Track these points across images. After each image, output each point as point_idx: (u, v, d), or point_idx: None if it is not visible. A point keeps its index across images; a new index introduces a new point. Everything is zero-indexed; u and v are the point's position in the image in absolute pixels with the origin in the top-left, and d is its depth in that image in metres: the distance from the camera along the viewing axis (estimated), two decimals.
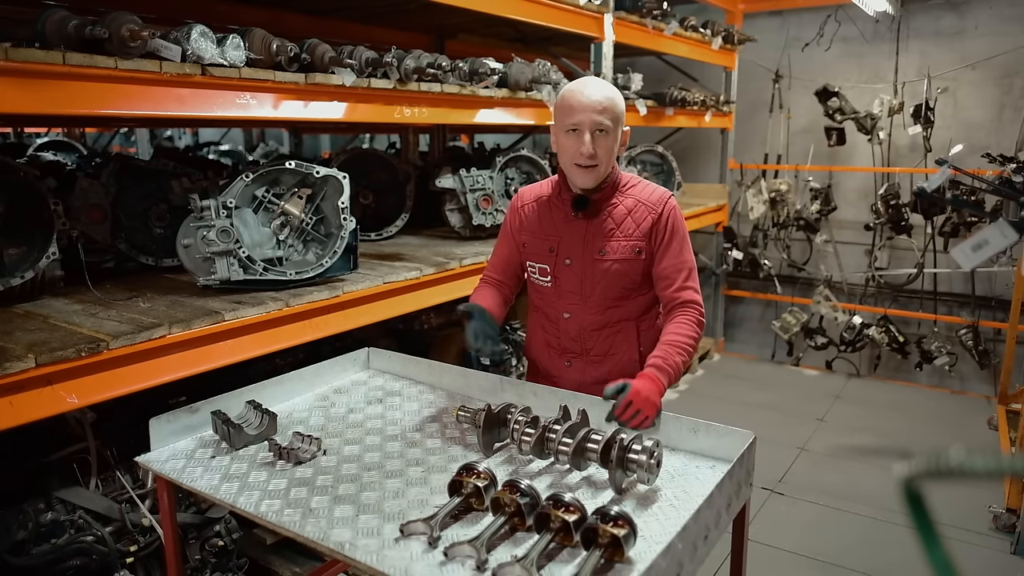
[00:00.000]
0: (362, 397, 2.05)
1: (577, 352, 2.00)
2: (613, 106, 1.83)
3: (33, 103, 1.68)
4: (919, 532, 0.46)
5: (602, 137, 1.83)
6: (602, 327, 1.96)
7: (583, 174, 1.86)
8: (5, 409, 1.59)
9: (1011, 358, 4.46)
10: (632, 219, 1.91)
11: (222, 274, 2.19)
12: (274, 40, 2.19)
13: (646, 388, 1.67)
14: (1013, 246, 1.61)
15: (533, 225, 2.02)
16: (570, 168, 1.89)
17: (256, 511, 1.41)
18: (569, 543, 1.26)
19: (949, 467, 0.41)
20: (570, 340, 2.00)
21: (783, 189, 5.53)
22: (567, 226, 1.95)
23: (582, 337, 1.98)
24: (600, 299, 1.93)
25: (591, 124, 1.81)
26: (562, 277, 1.96)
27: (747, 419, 4.22)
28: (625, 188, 1.96)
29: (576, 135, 1.83)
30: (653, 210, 1.91)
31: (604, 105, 1.81)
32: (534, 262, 2.02)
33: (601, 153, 1.83)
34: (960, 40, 5.06)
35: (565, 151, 1.87)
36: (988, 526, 3.29)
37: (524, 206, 2.06)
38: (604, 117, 1.81)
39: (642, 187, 1.97)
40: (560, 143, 1.89)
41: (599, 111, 1.80)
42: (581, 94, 1.82)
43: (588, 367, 2.00)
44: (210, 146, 7.44)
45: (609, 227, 1.91)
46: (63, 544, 2.13)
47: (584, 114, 1.81)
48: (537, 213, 2.02)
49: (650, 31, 4.23)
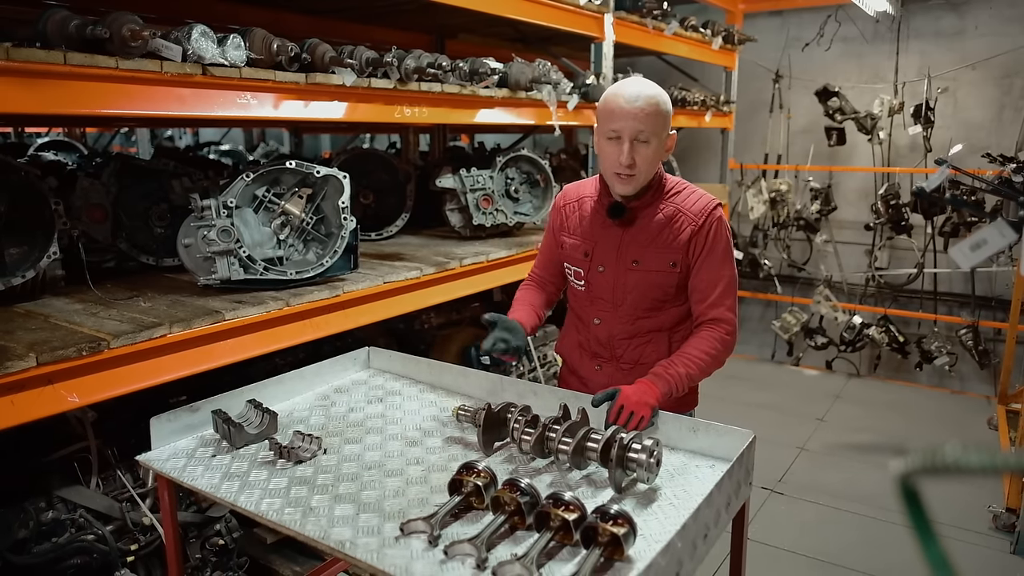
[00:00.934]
0: (362, 396, 2.05)
1: (607, 358, 1.97)
2: (656, 112, 1.74)
3: (34, 103, 1.69)
4: (915, 528, 0.46)
5: (643, 146, 1.75)
6: (632, 336, 1.92)
7: (621, 183, 1.80)
8: (6, 408, 1.59)
9: (1011, 358, 4.46)
10: (671, 229, 1.83)
11: (223, 273, 2.19)
12: (275, 40, 2.19)
13: (636, 392, 1.67)
14: (1012, 246, 1.61)
15: (573, 226, 1.98)
16: (610, 176, 1.83)
17: (256, 510, 1.41)
18: (569, 541, 1.26)
19: (945, 463, 0.42)
20: (600, 346, 1.97)
21: (783, 189, 5.54)
22: (603, 232, 1.90)
23: (611, 344, 1.94)
24: (631, 308, 1.89)
25: (631, 132, 1.73)
26: (595, 283, 1.93)
27: (747, 419, 4.22)
28: (669, 194, 1.87)
29: (616, 142, 1.76)
30: (694, 221, 1.82)
31: (647, 112, 1.73)
32: (570, 264, 1.99)
33: (640, 162, 1.76)
34: (960, 40, 5.07)
35: (605, 157, 1.80)
36: (988, 526, 3.29)
37: (566, 205, 2.02)
38: (645, 124, 1.73)
39: (687, 194, 1.87)
40: (600, 148, 1.82)
41: (640, 118, 1.73)
42: (623, 99, 1.74)
43: (617, 373, 1.94)
44: (210, 146, 7.44)
45: (646, 236, 1.85)
46: (64, 543, 2.13)
47: (624, 121, 1.73)
48: (578, 214, 1.98)
49: (650, 31, 4.23)
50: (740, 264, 5.76)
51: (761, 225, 5.73)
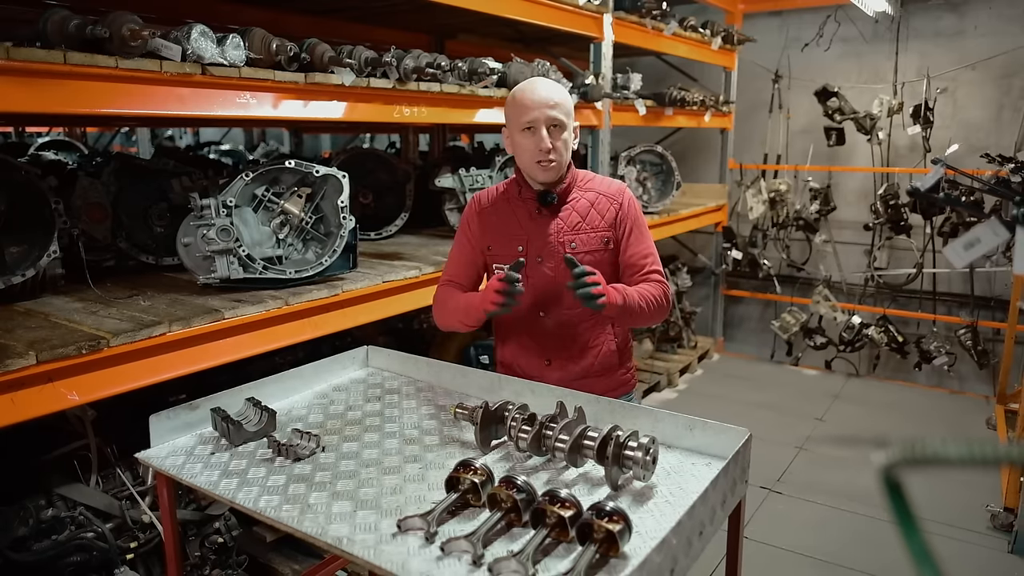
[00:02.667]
0: (361, 395, 2.06)
1: (556, 349, 2.01)
2: (564, 101, 1.88)
3: (34, 102, 1.70)
4: (898, 521, 0.47)
5: (557, 131, 1.87)
6: (579, 321, 1.98)
7: (543, 170, 1.89)
8: (6, 406, 1.60)
9: (1010, 358, 4.47)
10: (596, 211, 1.96)
11: (222, 272, 2.20)
12: (274, 40, 2.20)
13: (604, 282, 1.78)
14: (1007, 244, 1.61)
15: (497, 227, 2.01)
16: (531, 167, 1.91)
17: (255, 507, 1.42)
18: (565, 538, 1.27)
19: (926, 455, 0.42)
20: (548, 338, 2.00)
21: (782, 189, 5.54)
22: (533, 223, 1.97)
23: (560, 333, 1.99)
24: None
25: (546, 120, 1.85)
26: (535, 275, 1.96)
27: (746, 418, 4.23)
28: (583, 183, 2.00)
29: (532, 133, 1.86)
30: (614, 200, 1.97)
31: (556, 100, 1.85)
32: (502, 264, 1.99)
33: (560, 146, 1.88)
34: (959, 40, 5.07)
35: (523, 150, 1.90)
36: (985, 525, 3.29)
37: (482, 211, 2.05)
38: (557, 112, 1.85)
39: (598, 180, 2.02)
40: (517, 143, 1.91)
41: (551, 106, 1.85)
42: (533, 92, 1.87)
43: (569, 363, 2.00)
44: (211, 146, 7.46)
45: (575, 220, 1.95)
46: (64, 540, 2.14)
47: (538, 111, 1.84)
48: (499, 215, 2.02)
49: (649, 31, 4.24)
50: (739, 264, 5.77)
51: (760, 225, 5.73)
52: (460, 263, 2.10)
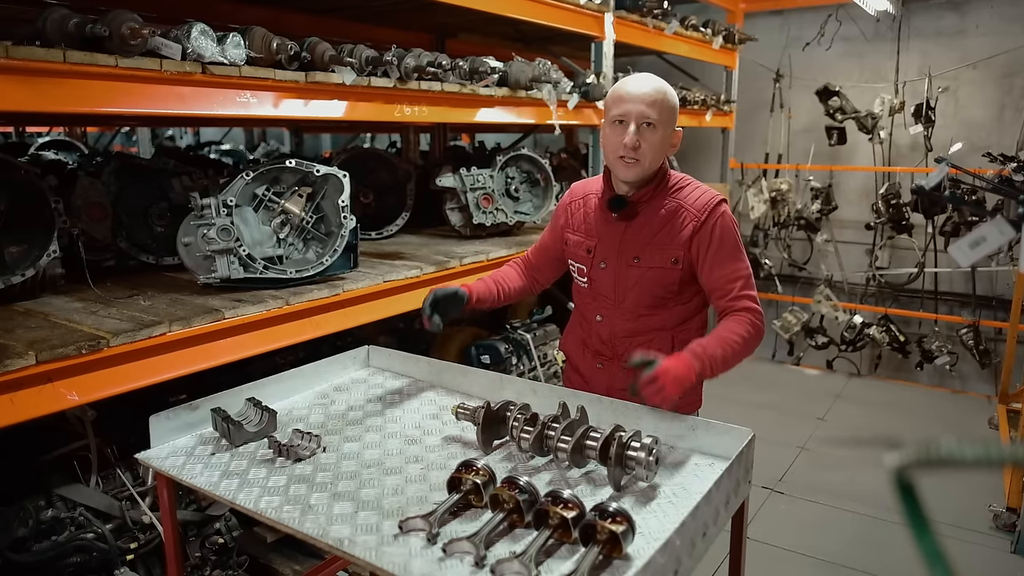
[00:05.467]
0: (362, 395, 2.05)
1: (608, 356, 1.96)
2: (663, 100, 1.77)
3: (34, 101, 1.69)
4: (910, 522, 0.46)
5: (648, 131, 1.76)
6: (634, 335, 1.90)
7: (625, 167, 1.79)
8: (6, 406, 1.59)
9: (1012, 357, 4.45)
10: (673, 225, 1.82)
11: (222, 272, 2.19)
12: (274, 38, 2.19)
13: (675, 368, 1.59)
14: (1011, 243, 1.61)
15: (578, 223, 1.98)
16: (614, 161, 1.82)
17: (255, 508, 1.41)
18: (568, 539, 1.26)
19: (940, 456, 0.42)
20: (601, 343, 1.96)
21: (784, 188, 5.53)
22: (606, 228, 1.90)
23: (613, 342, 1.94)
24: (632, 306, 1.88)
25: (638, 116, 1.75)
26: (597, 280, 1.92)
27: (747, 418, 4.22)
28: (672, 190, 1.86)
29: (622, 126, 1.77)
30: (696, 217, 1.81)
31: (654, 98, 1.75)
32: (574, 261, 1.99)
33: (646, 147, 1.76)
34: (961, 39, 5.06)
35: (610, 143, 1.81)
36: (988, 525, 3.29)
37: (572, 202, 2.03)
38: (652, 110, 1.75)
39: (690, 190, 1.86)
40: (606, 136, 1.83)
41: (647, 103, 1.75)
42: (632, 84, 1.78)
43: (618, 372, 1.93)
44: (211, 145, 7.45)
45: (648, 232, 1.84)
46: (64, 541, 2.14)
47: (631, 104, 1.75)
48: (583, 211, 1.98)
49: (651, 30, 4.23)
50: None
51: (762, 224, 5.73)
52: (540, 245, 2.13)
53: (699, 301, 1.94)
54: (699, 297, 1.93)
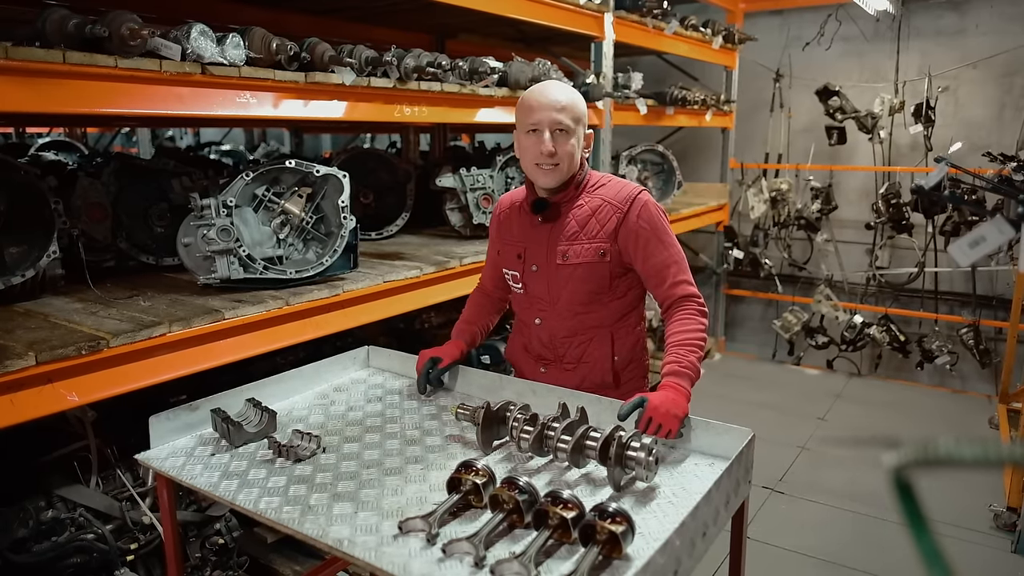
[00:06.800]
0: (362, 395, 2.05)
1: (550, 359, 1.99)
2: (573, 106, 1.80)
3: (34, 102, 1.69)
4: (908, 522, 0.46)
5: (562, 136, 1.79)
6: (573, 334, 1.93)
7: (544, 174, 1.83)
8: (6, 407, 1.59)
9: (1012, 357, 4.45)
10: (596, 220, 1.85)
11: (222, 273, 2.19)
12: (274, 39, 2.20)
13: (664, 402, 1.62)
14: (1011, 243, 1.61)
15: (506, 232, 2.01)
16: (532, 169, 1.85)
17: (255, 508, 1.41)
18: (567, 540, 1.26)
19: (938, 456, 0.42)
20: (542, 346, 1.98)
21: (784, 188, 5.53)
22: (532, 231, 1.93)
23: (553, 344, 1.96)
24: (567, 305, 1.90)
25: (551, 123, 1.78)
26: (530, 283, 1.94)
27: (748, 418, 4.22)
28: (594, 188, 1.90)
29: (536, 135, 1.80)
30: (619, 209, 1.84)
31: (563, 104, 1.78)
32: (507, 268, 2.00)
33: (561, 152, 1.80)
34: (961, 39, 5.06)
35: (526, 152, 1.84)
36: (989, 525, 3.28)
37: (501, 213, 2.05)
38: (564, 116, 1.78)
39: (611, 186, 1.90)
40: (521, 145, 1.86)
41: (558, 110, 1.78)
42: (540, 94, 1.81)
43: (562, 374, 1.96)
44: (211, 146, 7.45)
45: (572, 230, 1.87)
46: (64, 542, 2.14)
47: (543, 113, 1.78)
48: (511, 219, 2.01)
49: (650, 30, 4.23)
50: (740, 263, 5.76)
51: (762, 224, 5.72)
52: (488, 265, 2.16)
53: (634, 295, 1.95)
54: (634, 291, 1.95)
